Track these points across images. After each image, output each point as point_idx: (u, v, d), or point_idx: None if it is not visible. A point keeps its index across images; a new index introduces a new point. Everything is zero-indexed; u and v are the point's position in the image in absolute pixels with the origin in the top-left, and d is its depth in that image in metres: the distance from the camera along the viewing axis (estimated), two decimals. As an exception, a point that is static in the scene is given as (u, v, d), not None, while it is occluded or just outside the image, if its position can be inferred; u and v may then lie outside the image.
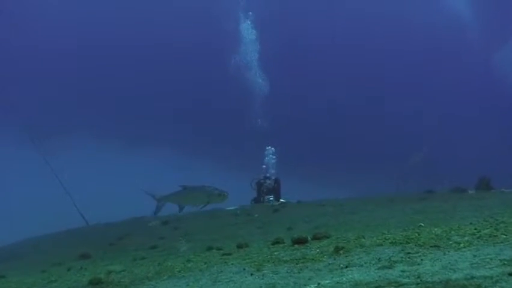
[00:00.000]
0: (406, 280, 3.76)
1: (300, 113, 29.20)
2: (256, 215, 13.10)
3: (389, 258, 4.70)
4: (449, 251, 4.63)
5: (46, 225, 17.02)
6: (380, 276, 4.03)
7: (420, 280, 3.69)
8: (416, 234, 5.76)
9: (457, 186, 12.24)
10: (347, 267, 4.59)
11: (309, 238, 6.73)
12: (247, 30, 25.75)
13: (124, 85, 32.67)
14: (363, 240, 6.08)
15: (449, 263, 4.14)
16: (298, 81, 29.74)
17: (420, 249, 4.89)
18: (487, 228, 5.52)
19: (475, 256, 4.24)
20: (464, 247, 4.72)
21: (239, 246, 7.53)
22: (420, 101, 29.98)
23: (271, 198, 17.01)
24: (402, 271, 4.08)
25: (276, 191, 17.31)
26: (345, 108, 30.10)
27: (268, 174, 18.05)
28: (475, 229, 5.58)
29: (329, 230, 8.73)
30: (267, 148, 19.39)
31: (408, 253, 4.79)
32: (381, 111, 30.46)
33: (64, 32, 32.32)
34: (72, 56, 32.45)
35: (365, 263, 4.66)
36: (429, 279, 3.68)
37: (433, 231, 5.83)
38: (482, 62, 29.50)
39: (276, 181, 17.55)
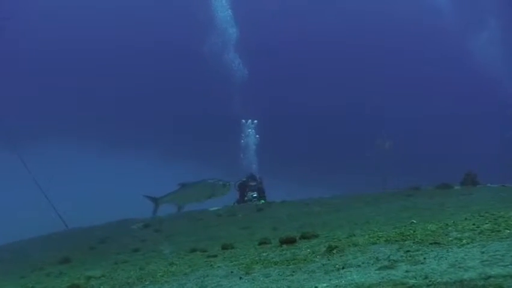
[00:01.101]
0: (413, 281, 3.36)
1: (283, 112, 28.84)
2: (240, 215, 12.71)
3: (388, 257, 4.31)
4: (451, 248, 4.24)
5: (26, 230, 16.48)
6: (382, 277, 3.63)
7: (430, 281, 3.29)
8: (411, 231, 5.38)
9: (442, 182, 11.95)
10: (343, 268, 4.19)
11: (297, 238, 6.37)
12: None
13: (105, 87, 32.10)
14: (355, 238, 5.70)
15: (456, 260, 3.75)
16: (281, 81, 29.45)
17: (419, 247, 4.50)
18: (486, 223, 5.16)
19: (483, 253, 3.86)
20: (468, 243, 4.33)
21: (224, 248, 7.15)
22: (403, 100, 29.83)
23: (254, 195, 16.56)
24: (407, 271, 3.69)
25: (260, 191, 16.87)
26: (328, 108, 29.85)
27: (252, 173, 17.53)
28: (473, 224, 5.21)
29: (316, 229, 8.41)
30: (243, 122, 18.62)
31: (408, 251, 4.40)
32: (364, 110, 30.26)
33: (41, 33, 31.66)
34: (53, 58, 31.79)
35: (363, 263, 4.26)
36: (439, 280, 3.28)
37: (428, 228, 5.46)
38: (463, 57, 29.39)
39: (259, 180, 17.10)
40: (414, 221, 6.71)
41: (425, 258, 4.02)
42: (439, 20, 30.36)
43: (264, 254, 5.66)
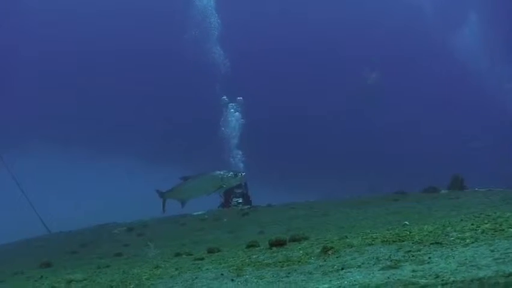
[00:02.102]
0: (424, 281, 3.06)
1: (265, 116, 28.52)
2: (225, 220, 12.39)
3: (389, 257, 4.01)
4: (456, 248, 3.96)
5: (7, 234, 16.01)
6: (388, 277, 3.32)
7: (442, 280, 3.00)
8: (407, 232, 5.09)
9: (429, 186, 11.74)
10: (342, 269, 3.87)
11: (287, 240, 6.06)
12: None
13: (88, 93, 31.61)
14: (348, 240, 5.40)
15: (466, 259, 3.46)
16: (266, 83, 29.16)
17: (420, 247, 4.21)
18: (486, 224, 4.89)
19: (492, 251, 3.57)
20: (472, 242, 4.05)
21: (210, 251, 6.80)
22: (387, 102, 29.68)
23: (240, 201, 16.21)
24: (413, 271, 3.38)
25: (245, 197, 16.51)
26: (308, 110, 29.65)
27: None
28: (472, 225, 4.93)
29: (301, 233, 8.18)
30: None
31: (409, 251, 4.10)
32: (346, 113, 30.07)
33: (25, 35, 31.13)
34: (36, 63, 31.24)
35: (362, 263, 3.95)
36: (452, 279, 2.99)
37: (425, 229, 5.16)
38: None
39: (244, 185, 16.71)
40: (407, 223, 6.45)
41: (430, 258, 3.72)
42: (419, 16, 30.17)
43: (254, 257, 5.33)
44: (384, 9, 31.28)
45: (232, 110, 17.86)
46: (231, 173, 10.05)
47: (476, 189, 11.53)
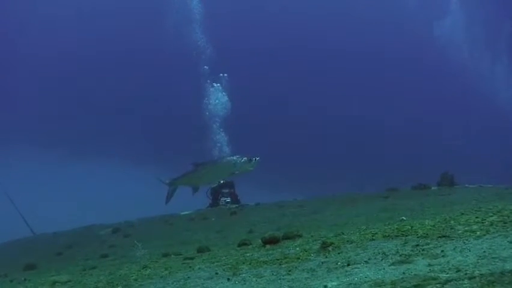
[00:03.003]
0: (445, 275, 2.73)
1: (253, 115, 28.14)
2: (213, 219, 12.02)
3: (397, 252, 3.70)
4: (468, 240, 3.65)
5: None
6: (403, 273, 3.00)
7: (466, 274, 2.69)
8: (409, 227, 4.78)
9: (419, 183, 11.48)
10: (348, 265, 3.54)
11: (280, 238, 5.73)
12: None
13: (68, 93, 31.07)
14: (346, 236, 5.09)
15: (484, 252, 3.15)
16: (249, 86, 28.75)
17: (428, 241, 3.90)
18: (491, 216, 4.60)
19: (511, 242, 3.28)
20: (484, 235, 3.75)
21: (200, 251, 6.45)
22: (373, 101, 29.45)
23: (227, 200, 15.81)
24: (429, 265, 3.06)
25: (233, 196, 16.11)
26: (297, 109, 29.36)
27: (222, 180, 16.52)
28: (476, 218, 4.64)
29: (294, 230, 7.87)
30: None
31: (417, 245, 3.79)
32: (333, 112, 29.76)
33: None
34: (14, 65, 30.66)
35: (369, 259, 3.63)
36: (477, 272, 2.68)
37: (426, 223, 4.86)
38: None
39: (231, 184, 16.30)
40: (404, 218, 6.16)
41: (442, 251, 3.41)
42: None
43: (248, 255, 4.99)
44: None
45: (214, 89, 16.99)
46: (245, 158, 9.51)
47: (467, 185, 11.31)
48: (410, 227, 4.77)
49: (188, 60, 19.26)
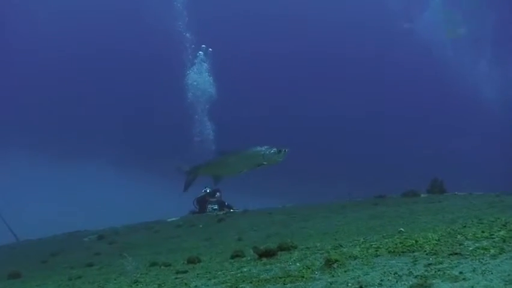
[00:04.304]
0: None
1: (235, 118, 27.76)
2: (200, 226, 11.72)
3: (410, 272, 3.42)
4: (484, 259, 3.39)
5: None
6: (428, 300, 2.74)
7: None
8: (413, 241, 4.51)
9: (408, 190, 11.28)
10: (361, 287, 3.28)
11: (275, 250, 5.43)
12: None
13: (54, 95, 30.50)
14: (346, 250, 4.81)
15: (509, 275, 2.88)
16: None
17: (440, 259, 3.63)
18: (498, 231, 4.36)
19: (538, 265, 3.03)
20: (499, 253, 3.49)
21: (191, 261, 6.14)
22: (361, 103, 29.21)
23: (215, 207, 15.49)
24: (454, 291, 2.81)
25: (221, 203, 15.78)
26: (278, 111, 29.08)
27: (208, 189, 16.04)
28: (483, 232, 4.40)
29: (284, 239, 7.61)
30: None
31: (429, 264, 3.52)
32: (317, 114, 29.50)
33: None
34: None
35: (381, 280, 3.34)
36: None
37: (430, 237, 4.59)
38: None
39: (217, 191, 15.97)
40: (403, 229, 5.90)
41: (461, 273, 3.14)
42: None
43: (245, 270, 4.69)
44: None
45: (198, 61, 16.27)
46: (274, 149, 9.00)
47: (456, 193, 11.13)
48: (414, 241, 4.50)
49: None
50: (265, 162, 9.01)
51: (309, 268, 4.14)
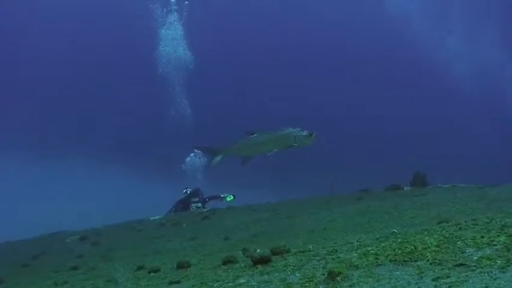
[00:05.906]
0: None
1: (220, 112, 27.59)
2: (184, 225, 11.56)
3: (419, 287, 3.34)
4: (493, 273, 3.30)
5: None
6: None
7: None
8: (411, 247, 4.40)
9: (391, 184, 11.29)
10: (372, 307, 3.17)
11: (270, 256, 5.29)
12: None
13: (33, 90, 29.91)
14: (343, 256, 4.70)
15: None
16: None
17: (446, 271, 3.53)
18: (498, 236, 4.29)
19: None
20: (507, 265, 3.42)
21: (180, 267, 5.99)
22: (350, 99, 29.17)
23: (199, 205, 15.34)
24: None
25: (203, 201, 15.64)
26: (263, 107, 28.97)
27: (189, 190, 15.92)
28: (482, 237, 4.33)
29: (272, 238, 7.52)
30: None
31: (438, 278, 3.42)
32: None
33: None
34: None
35: (391, 297, 3.26)
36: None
37: (427, 242, 4.49)
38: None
39: (197, 192, 15.81)
40: (396, 231, 5.82)
41: (474, 291, 3.06)
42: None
43: (243, 281, 4.54)
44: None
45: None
46: (306, 131, 8.76)
47: (440, 185, 11.16)
48: (413, 247, 4.40)
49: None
50: (295, 144, 8.84)
51: (311, 281, 4.02)
